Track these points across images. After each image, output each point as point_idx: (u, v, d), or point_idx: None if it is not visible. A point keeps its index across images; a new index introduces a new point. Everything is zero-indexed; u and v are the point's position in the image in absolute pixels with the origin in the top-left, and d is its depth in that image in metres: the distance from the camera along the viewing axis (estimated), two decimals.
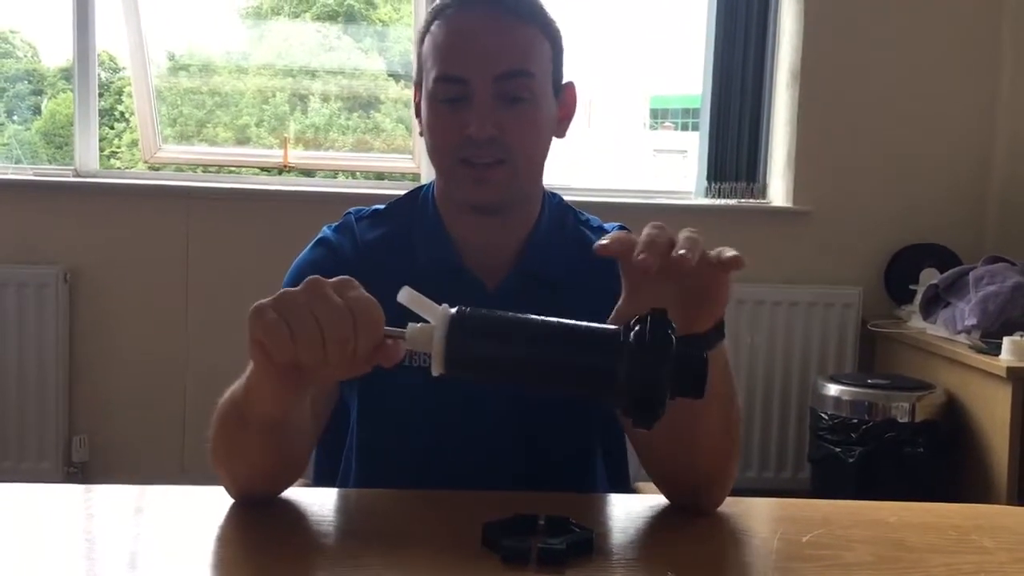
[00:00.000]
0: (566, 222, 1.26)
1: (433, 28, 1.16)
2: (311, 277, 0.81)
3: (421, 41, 1.18)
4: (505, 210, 1.18)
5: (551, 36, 1.17)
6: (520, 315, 0.80)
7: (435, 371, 0.78)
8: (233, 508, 0.98)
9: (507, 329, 0.79)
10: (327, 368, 0.80)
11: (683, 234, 0.87)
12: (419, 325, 0.79)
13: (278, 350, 0.79)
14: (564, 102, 1.21)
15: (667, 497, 1.04)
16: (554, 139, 1.21)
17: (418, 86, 1.20)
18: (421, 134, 1.20)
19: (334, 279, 0.81)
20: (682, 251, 0.84)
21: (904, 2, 3.33)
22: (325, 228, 1.25)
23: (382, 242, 1.21)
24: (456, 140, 1.13)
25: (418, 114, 1.21)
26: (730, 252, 0.88)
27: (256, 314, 0.80)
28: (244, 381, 0.90)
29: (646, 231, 0.87)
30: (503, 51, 1.12)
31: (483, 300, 1.18)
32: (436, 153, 1.17)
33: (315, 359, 0.78)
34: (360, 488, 1.18)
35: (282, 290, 0.81)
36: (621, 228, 1.27)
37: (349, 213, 1.26)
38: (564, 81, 1.21)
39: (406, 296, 0.79)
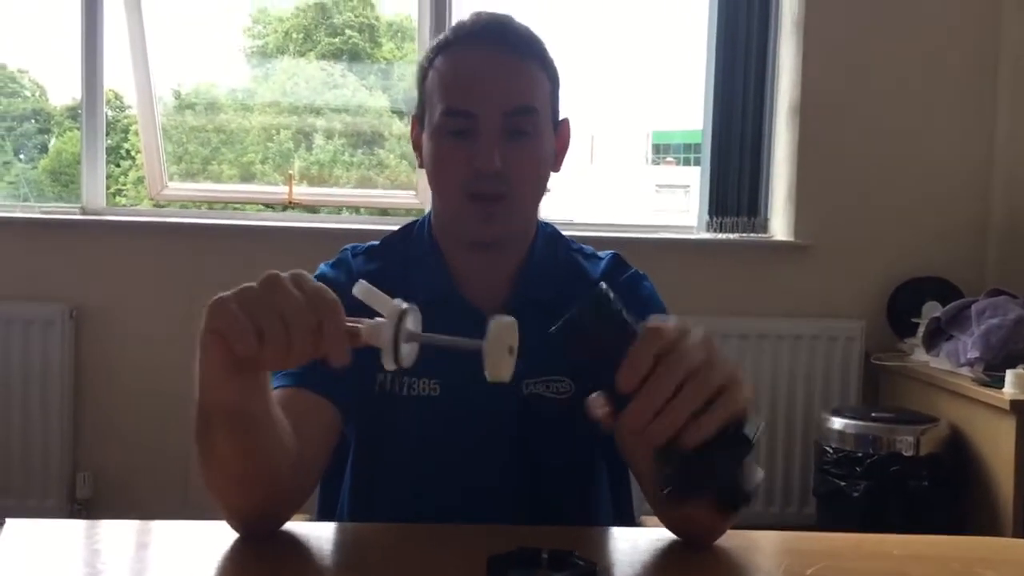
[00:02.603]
0: (558, 249, 1.28)
1: (437, 63, 1.18)
2: (268, 272, 0.82)
3: (424, 76, 1.20)
4: (505, 244, 1.20)
5: (550, 74, 1.20)
6: None
7: (387, 366, 0.78)
8: (237, 543, 0.98)
9: None
10: (289, 359, 0.80)
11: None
12: (375, 320, 0.79)
13: (243, 345, 0.79)
14: (560, 137, 1.24)
15: (669, 529, 1.04)
16: (551, 173, 1.23)
17: (418, 119, 1.22)
18: (421, 166, 1.22)
19: (288, 272, 0.82)
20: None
21: (903, 37, 3.37)
22: (322, 265, 1.26)
23: (377, 275, 1.22)
24: (463, 173, 1.14)
25: (416, 148, 1.23)
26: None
27: (218, 310, 0.80)
28: (197, 381, 0.91)
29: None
30: (511, 88, 1.15)
31: (480, 327, 1.19)
32: (441, 186, 1.19)
33: (279, 353, 0.79)
34: (352, 520, 1.18)
35: (242, 286, 0.81)
36: (614, 256, 1.29)
37: (346, 249, 1.28)
38: (560, 118, 1.24)
39: (360, 289, 0.80)
